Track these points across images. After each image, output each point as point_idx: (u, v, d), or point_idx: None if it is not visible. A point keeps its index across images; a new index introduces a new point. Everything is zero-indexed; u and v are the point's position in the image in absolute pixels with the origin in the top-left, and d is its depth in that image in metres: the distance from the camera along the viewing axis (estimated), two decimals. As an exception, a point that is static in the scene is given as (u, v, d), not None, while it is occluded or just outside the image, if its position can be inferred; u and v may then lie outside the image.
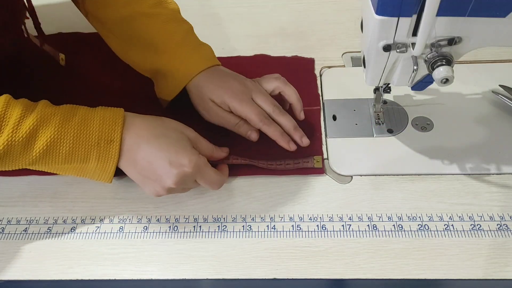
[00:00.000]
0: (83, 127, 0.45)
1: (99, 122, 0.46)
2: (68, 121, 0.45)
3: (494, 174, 0.52)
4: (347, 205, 0.50)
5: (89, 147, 0.45)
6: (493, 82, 0.60)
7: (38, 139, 0.44)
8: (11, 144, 0.43)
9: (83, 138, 0.45)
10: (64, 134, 0.45)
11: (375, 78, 0.49)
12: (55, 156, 0.45)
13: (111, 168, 0.47)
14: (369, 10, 0.41)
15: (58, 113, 0.45)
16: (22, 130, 0.43)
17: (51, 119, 0.44)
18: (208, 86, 0.54)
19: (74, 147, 0.45)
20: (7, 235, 0.50)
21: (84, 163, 0.46)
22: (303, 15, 0.74)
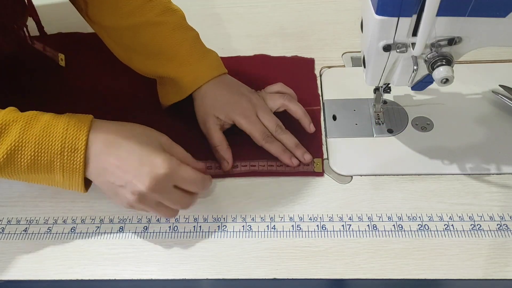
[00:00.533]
0: (45, 134, 0.43)
1: (63, 129, 0.43)
2: (30, 127, 0.43)
3: (494, 174, 0.52)
4: (347, 205, 0.50)
5: (52, 156, 0.42)
6: (493, 82, 0.60)
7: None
8: None
9: (45, 146, 0.42)
10: (26, 141, 0.42)
11: (375, 78, 0.49)
12: (17, 164, 0.42)
13: (78, 180, 0.44)
14: (369, 10, 0.41)
15: (21, 119, 0.43)
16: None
17: (12, 125, 0.42)
18: (215, 100, 0.54)
19: (36, 156, 0.42)
20: (7, 235, 0.50)
21: (49, 173, 0.44)
22: (303, 15, 0.74)
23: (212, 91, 0.55)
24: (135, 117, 0.59)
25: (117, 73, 0.65)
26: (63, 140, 0.43)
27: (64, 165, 0.43)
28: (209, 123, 0.54)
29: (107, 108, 0.61)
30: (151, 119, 0.58)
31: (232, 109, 0.54)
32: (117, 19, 0.57)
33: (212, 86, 0.55)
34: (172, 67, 0.55)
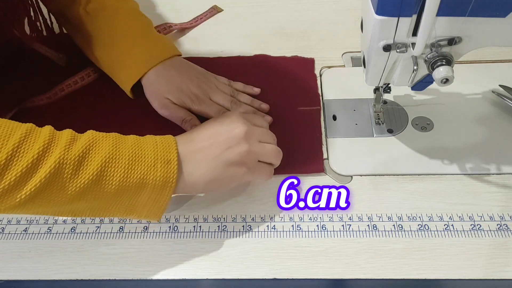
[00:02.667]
0: (138, 148, 0.42)
1: (152, 144, 0.43)
2: (122, 142, 0.42)
3: (494, 174, 0.52)
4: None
5: (146, 169, 0.41)
6: (493, 82, 0.60)
7: (91, 158, 0.39)
8: (62, 163, 0.37)
9: (139, 159, 0.41)
10: (119, 154, 0.40)
11: (375, 78, 0.49)
12: (109, 180, 0.40)
13: (167, 197, 0.43)
14: (369, 10, 0.41)
15: (110, 136, 0.42)
16: (74, 149, 0.38)
17: (104, 139, 0.41)
18: (166, 84, 0.56)
19: (129, 169, 0.40)
20: (7, 235, 0.50)
21: (137, 192, 0.41)
22: (303, 15, 0.74)
23: (162, 75, 0.57)
24: (135, 116, 0.60)
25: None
26: (155, 153, 0.42)
27: (156, 179, 0.41)
28: (168, 104, 0.56)
29: (107, 108, 0.61)
30: (151, 119, 0.58)
31: (183, 94, 0.56)
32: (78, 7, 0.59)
33: (162, 70, 0.57)
34: (125, 48, 0.57)
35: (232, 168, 0.45)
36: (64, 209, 0.40)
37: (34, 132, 0.38)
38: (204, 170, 0.44)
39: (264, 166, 0.48)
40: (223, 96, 0.58)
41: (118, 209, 0.43)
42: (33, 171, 0.37)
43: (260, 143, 0.47)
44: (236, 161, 0.45)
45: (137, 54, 0.57)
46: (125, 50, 0.57)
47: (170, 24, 0.72)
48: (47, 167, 0.37)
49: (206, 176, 0.44)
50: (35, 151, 0.37)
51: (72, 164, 0.38)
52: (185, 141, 0.44)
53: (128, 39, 0.57)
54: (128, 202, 0.42)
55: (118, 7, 0.59)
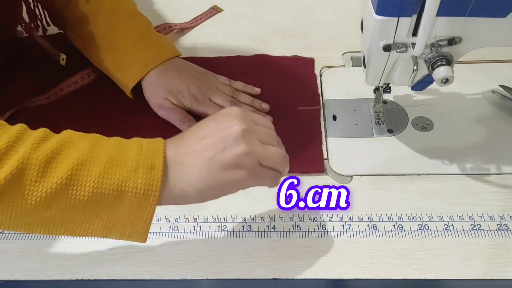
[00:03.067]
0: (118, 151, 0.36)
1: (136, 147, 0.37)
2: (102, 143, 0.37)
3: (494, 174, 0.52)
4: (347, 205, 0.51)
5: (125, 174, 0.35)
6: (493, 82, 0.60)
7: (61, 161, 0.34)
8: (27, 163, 0.33)
9: (118, 162, 0.35)
10: (96, 156, 0.35)
11: (375, 78, 0.49)
12: (80, 186, 0.34)
13: (151, 207, 0.36)
14: (369, 10, 0.41)
15: (89, 136, 0.37)
16: (42, 149, 0.34)
17: (80, 140, 0.36)
18: (165, 86, 0.56)
19: (106, 174, 0.35)
20: (7, 235, 0.50)
21: (115, 202, 0.35)
22: (303, 15, 0.74)
23: (162, 76, 0.57)
24: (134, 117, 0.60)
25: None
26: (138, 157, 0.36)
27: (137, 187, 0.35)
28: (166, 105, 0.56)
29: (107, 109, 0.61)
30: (151, 119, 0.58)
31: (182, 95, 0.56)
32: (75, 8, 0.59)
33: (162, 72, 0.57)
34: (124, 52, 0.57)
35: (229, 172, 0.38)
36: (32, 219, 0.35)
37: (2, 129, 0.34)
38: (196, 176, 0.37)
39: (268, 172, 0.40)
40: (222, 97, 0.58)
41: (96, 224, 0.36)
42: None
43: (262, 145, 0.39)
44: (233, 164, 0.37)
45: (137, 56, 0.57)
46: (124, 52, 0.57)
47: (170, 24, 0.72)
48: (8, 167, 0.33)
49: (199, 183, 0.37)
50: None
51: (37, 166, 0.33)
52: (175, 144, 0.38)
53: (127, 41, 0.57)
54: (106, 215, 0.36)
55: (116, 8, 0.59)
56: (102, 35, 0.58)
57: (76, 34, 0.61)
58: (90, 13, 0.58)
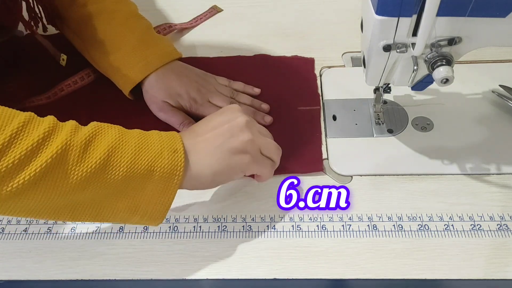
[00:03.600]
0: (143, 138, 0.41)
1: (157, 136, 0.42)
2: (127, 132, 0.41)
3: (494, 174, 0.52)
4: (347, 205, 0.51)
5: (153, 157, 0.40)
6: (493, 82, 0.60)
7: (98, 145, 0.38)
8: (69, 145, 0.36)
9: (145, 147, 0.40)
10: (126, 141, 0.40)
11: (375, 78, 0.49)
12: (115, 167, 0.38)
13: (175, 186, 0.41)
14: (369, 10, 0.41)
15: (115, 126, 0.41)
16: (80, 134, 0.38)
17: (109, 128, 0.41)
18: (165, 89, 0.56)
19: (136, 156, 0.39)
20: (7, 235, 0.50)
21: (144, 181, 0.40)
22: (303, 15, 0.74)
23: (161, 80, 0.57)
24: (134, 117, 0.60)
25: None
26: (161, 143, 0.41)
27: (164, 168, 0.40)
28: (166, 108, 0.57)
29: (107, 109, 0.61)
30: (151, 119, 0.58)
31: (182, 99, 0.57)
32: (77, 9, 0.59)
33: (161, 75, 0.57)
34: (123, 54, 0.57)
35: (236, 156, 0.44)
36: (65, 203, 0.38)
37: (36, 119, 0.37)
38: (210, 159, 0.43)
39: (266, 160, 0.48)
40: (222, 98, 0.58)
41: (121, 206, 0.41)
42: (36, 154, 0.35)
43: (261, 135, 0.48)
44: (240, 149, 0.44)
45: (136, 58, 0.57)
46: (123, 55, 0.57)
47: (170, 24, 0.72)
48: (52, 149, 0.35)
49: (213, 166, 0.44)
50: (39, 134, 0.35)
51: (78, 148, 0.37)
52: (188, 135, 0.45)
53: (126, 44, 0.57)
54: (132, 196, 0.40)
55: (116, 10, 0.59)
56: (102, 37, 0.58)
57: (76, 35, 0.61)
58: (91, 14, 0.58)
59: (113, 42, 0.57)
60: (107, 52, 0.58)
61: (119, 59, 0.57)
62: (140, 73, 0.56)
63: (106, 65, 0.58)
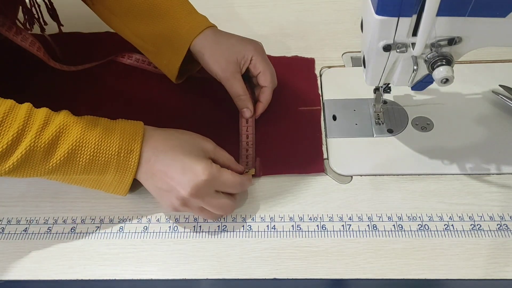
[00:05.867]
0: (105, 137, 0.45)
1: (120, 133, 0.46)
2: (91, 129, 0.45)
3: (494, 174, 0.52)
4: (347, 205, 0.51)
5: (109, 157, 0.45)
6: (493, 82, 0.60)
7: (60, 146, 0.43)
8: (33, 150, 0.42)
9: (104, 147, 0.45)
10: (86, 142, 0.44)
11: (375, 78, 0.49)
12: (75, 164, 0.44)
13: (129, 180, 0.47)
14: (369, 10, 0.41)
15: (81, 121, 0.45)
16: (44, 136, 0.43)
17: (74, 126, 0.44)
18: (223, 44, 0.55)
19: (95, 156, 0.45)
20: (7, 235, 0.50)
21: (101, 174, 0.46)
22: (303, 15, 0.74)
23: (216, 38, 0.55)
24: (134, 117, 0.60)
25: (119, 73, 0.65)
26: (120, 142, 0.45)
27: (119, 166, 0.46)
28: (229, 71, 0.54)
29: (106, 109, 0.61)
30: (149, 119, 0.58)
31: (247, 48, 0.55)
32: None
33: (211, 35, 0.55)
34: (166, 21, 0.55)
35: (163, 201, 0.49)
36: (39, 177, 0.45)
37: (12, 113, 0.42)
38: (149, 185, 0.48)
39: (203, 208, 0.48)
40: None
41: (89, 184, 0.48)
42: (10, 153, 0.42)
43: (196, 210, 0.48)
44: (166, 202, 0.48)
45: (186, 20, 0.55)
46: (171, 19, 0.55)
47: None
48: (19, 152, 0.42)
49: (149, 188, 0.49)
50: (10, 135, 0.41)
51: (42, 152, 0.43)
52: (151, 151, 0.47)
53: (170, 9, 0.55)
54: (95, 180, 0.47)
55: None
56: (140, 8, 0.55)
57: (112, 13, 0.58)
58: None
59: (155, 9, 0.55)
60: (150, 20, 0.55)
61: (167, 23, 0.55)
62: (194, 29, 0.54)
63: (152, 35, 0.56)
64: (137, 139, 0.46)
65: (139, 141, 0.46)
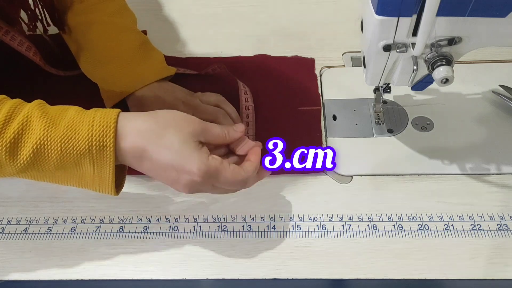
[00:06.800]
0: (70, 132, 0.40)
1: (87, 126, 0.40)
2: (54, 126, 0.40)
3: (494, 174, 0.52)
4: (347, 205, 0.51)
5: (80, 154, 0.40)
6: (493, 82, 0.60)
7: (23, 146, 0.39)
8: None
9: (71, 144, 0.39)
10: (50, 140, 0.39)
11: (375, 78, 0.49)
12: (45, 162, 0.40)
13: (110, 174, 0.41)
14: (369, 10, 0.41)
15: (45, 117, 0.40)
16: (6, 135, 0.39)
17: (35, 123, 0.39)
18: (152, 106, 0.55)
19: (63, 155, 0.40)
20: (7, 235, 0.50)
21: (78, 171, 0.41)
22: (303, 15, 0.74)
23: (150, 97, 0.55)
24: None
25: None
26: (89, 137, 0.39)
27: (94, 161, 0.40)
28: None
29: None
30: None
31: None
32: (74, 15, 0.58)
33: (149, 92, 0.55)
34: (113, 67, 0.56)
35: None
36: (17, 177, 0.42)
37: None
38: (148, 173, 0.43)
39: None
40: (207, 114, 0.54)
41: (71, 182, 0.43)
42: None
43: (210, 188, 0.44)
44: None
45: (125, 74, 0.56)
46: (112, 69, 0.56)
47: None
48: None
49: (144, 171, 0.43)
50: None
51: (6, 151, 0.39)
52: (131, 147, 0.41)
53: (116, 58, 0.56)
54: (76, 177, 0.42)
55: (110, 22, 0.58)
56: (93, 48, 0.57)
57: (72, 41, 0.60)
58: (85, 24, 0.58)
59: (103, 55, 0.57)
60: (97, 64, 0.57)
61: (108, 72, 0.56)
62: (128, 88, 0.55)
63: (95, 77, 0.58)
64: (108, 131, 0.40)
65: (111, 134, 0.40)
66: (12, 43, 0.55)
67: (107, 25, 0.57)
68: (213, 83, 0.63)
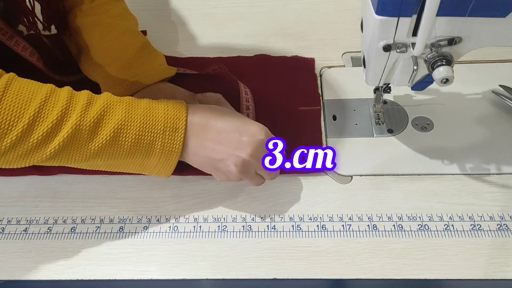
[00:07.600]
0: (149, 114, 0.44)
1: (164, 110, 0.45)
2: (135, 107, 0.44)
3: (494, 174, 0.52)
4: (347, 205, 0.51)
5: (154, 136, 0.44)
6: (493, 82, 0.60)
7: (105, 124, 0.42)
8: (79, 128, 0.41)
9: (149, 125, 0.44)
10: (132, 119, 0.43)
11: (375, 78, 0.49)
12: (120, 145, 0.43)
13: (175, 159, 0.46)
14: (369, 10, 0.41)
15: (124, 100, 0.44)
16: (90, 115, 0.42)
17: (117, 105, 0.44)
18: None
19: (140, 135, 0.44)
20: (7, 235, 0.50)
21: (146, 155, 0.45)
22: (303, 15, 0.74)
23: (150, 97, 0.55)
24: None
25: None
26: (165, 120, 0.44)
27: (164, 145, 0.45)
28: None
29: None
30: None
31: None
32: (76, 17, 0.58)
33: (149, 93, 0.56)
34: (114, 69, 0.56)
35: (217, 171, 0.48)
36: (83, 164, 0.44)
37: (54, 95, 0.41)
38: (200, 159, 0.47)
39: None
40: None
41: (132, 167, 0.47)
42: (54, 135, 0.41)
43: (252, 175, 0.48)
44: (223, 172, 0.47)
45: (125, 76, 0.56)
46: (113, 70, 0.56)
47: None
48: (65, 131, 0.41)
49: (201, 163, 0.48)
50: (54, 116, 0.40)
51: (88, 130, 0.42)
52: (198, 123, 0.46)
53: (117, 60, 0.56)
54: (139, 163, 0.46)
55: (111, 24, 0.58)
56: (94, 50, 0.57)
57: (72, 43, 0.60)
58: (87, 26, 0.58)
59: (104, 57, 0.57)
60: (97, 66, 0.57)
61: (109, 74, 0.56)
62: (129, 89, 0.56)
63: (97, 78, 0.58)
64: (181, 115, 0.45)
65: (184, 116, 0.45)
66: (16, 48, 0.55)
67: (109, 27, 0.58)
68: (213, 83, 0.63)
